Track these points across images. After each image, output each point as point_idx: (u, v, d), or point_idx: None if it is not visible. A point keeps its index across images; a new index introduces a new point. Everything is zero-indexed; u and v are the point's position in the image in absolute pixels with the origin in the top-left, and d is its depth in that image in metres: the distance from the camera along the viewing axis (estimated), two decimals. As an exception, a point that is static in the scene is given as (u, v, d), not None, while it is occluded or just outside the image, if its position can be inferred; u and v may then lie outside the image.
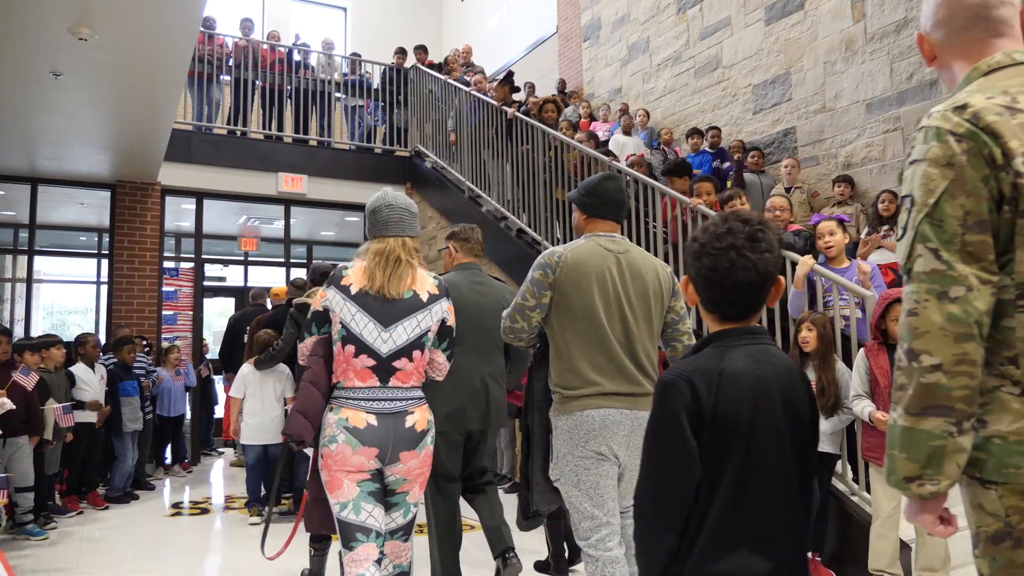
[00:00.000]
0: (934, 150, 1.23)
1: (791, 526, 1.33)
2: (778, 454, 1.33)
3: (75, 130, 6.32)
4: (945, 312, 1.18)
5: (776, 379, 1.36)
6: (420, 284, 2.47)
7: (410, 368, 2.43)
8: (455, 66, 9.57)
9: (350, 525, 2.31)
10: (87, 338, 5.75)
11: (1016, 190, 1.18)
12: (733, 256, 1.35)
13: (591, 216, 2.62)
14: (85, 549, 4.44)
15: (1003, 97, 1.23)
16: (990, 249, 1.19)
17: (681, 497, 1.33)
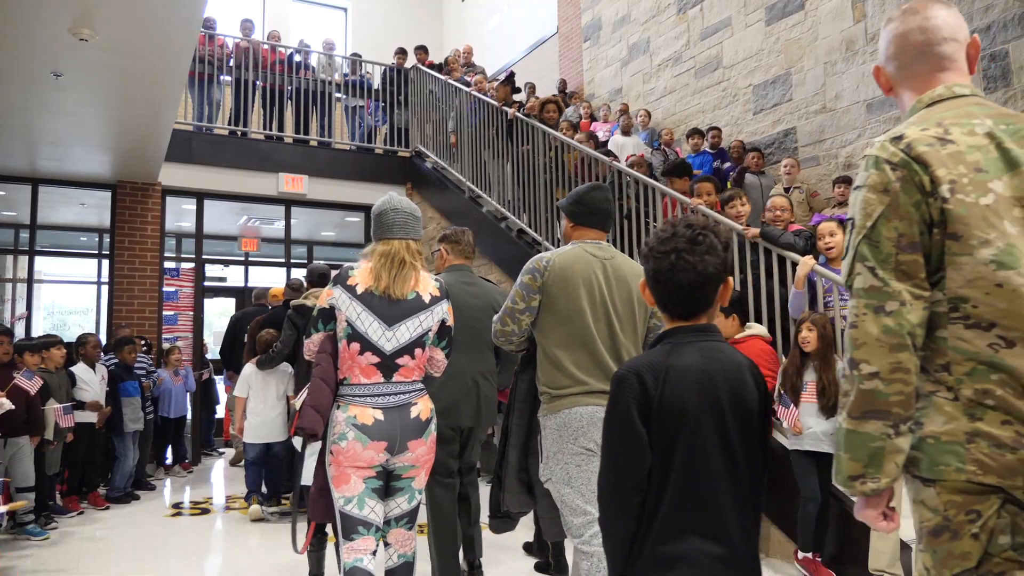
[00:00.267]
0: (872, 177, 1.36)
1: (739, 511, 1.42)
2: (724, 443, 1.42)
3: (76, 130, 6.32)
4: (881, 325, 1.30)
5: (723, 373, 1.45)
6: (423, 286, 2.58)
7: (412, 365, 2.54)
8: (455, 66, 9.57)
9: (353, 518, 2.42)
10: (87, 338, 5.75)
11: (943, 214, 1.30)
12: (674, 259, 1.46)
13: (578, 224, 2.72)
14: (86, 549, 4.45)
15: (936, 129, 1.36)
16: (921, 268, 1.31)
17: (634, 483, 1.43)
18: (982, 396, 1.28)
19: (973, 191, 1.31)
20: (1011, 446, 1.24)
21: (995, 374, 1.28)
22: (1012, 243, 1.28)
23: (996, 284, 1.28)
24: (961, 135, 1.35)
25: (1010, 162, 1.33)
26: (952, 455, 1.28)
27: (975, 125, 1.36)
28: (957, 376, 1.31)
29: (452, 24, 13.77)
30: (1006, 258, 1.28)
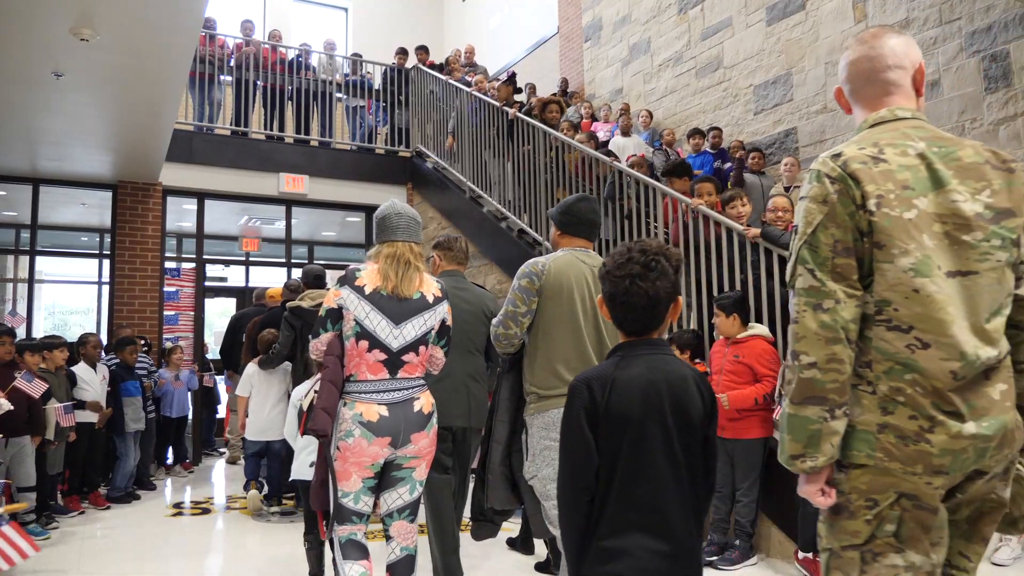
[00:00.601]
0: (814, 189, 1.51)
1: (681, 509, 1.56)
2: (667, 447, 1.56)
3: (76, 130, 6.33)
4: (818, 320, 1.44)
5: (667, 384, 1.59)
6: (426, 286, 2.73)
7: (416, 361, 2.69)
8: (456, 66, 9.57)
9: (348, 509, 2.62)
10: (88, 338, 5.76)
11: (870, 225, 1.46)
12: (627, 284, 1.62)
13: (565, 233, 2.86)
14: (86, 549, 4.45)
15: (872, 148, 1.51)
16: (854, 270, 1.47)
17: (583, 483, 1.57)
18: (895, 393, 1.44)
19: (898, 206, 1.46)
20: (914, 438, 1.41)
21: (909, 374, 1.43)
22: (928, 254, 1.44)
23: (913, 290, 1.43)
24: (894, 155, 1.49)
25: (937, 181, 1.48)
26: (865, 443, 1.44)
27: (909, 146, 1.51)
28: (876, 373, 1.46)
29: (453, 24, 13.77)
30: (922, 267, 1.43)
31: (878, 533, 1.43)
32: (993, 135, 5.55)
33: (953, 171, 1.49)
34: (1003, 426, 1.43)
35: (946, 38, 5.88)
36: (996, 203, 1.49)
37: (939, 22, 5.95)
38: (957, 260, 1.45)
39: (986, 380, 1.44)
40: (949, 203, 1.46)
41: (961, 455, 1.40)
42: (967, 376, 1.41)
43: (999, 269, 1.47)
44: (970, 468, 1.43)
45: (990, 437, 1.41)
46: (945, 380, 1.41)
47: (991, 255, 1.46)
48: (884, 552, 1.43)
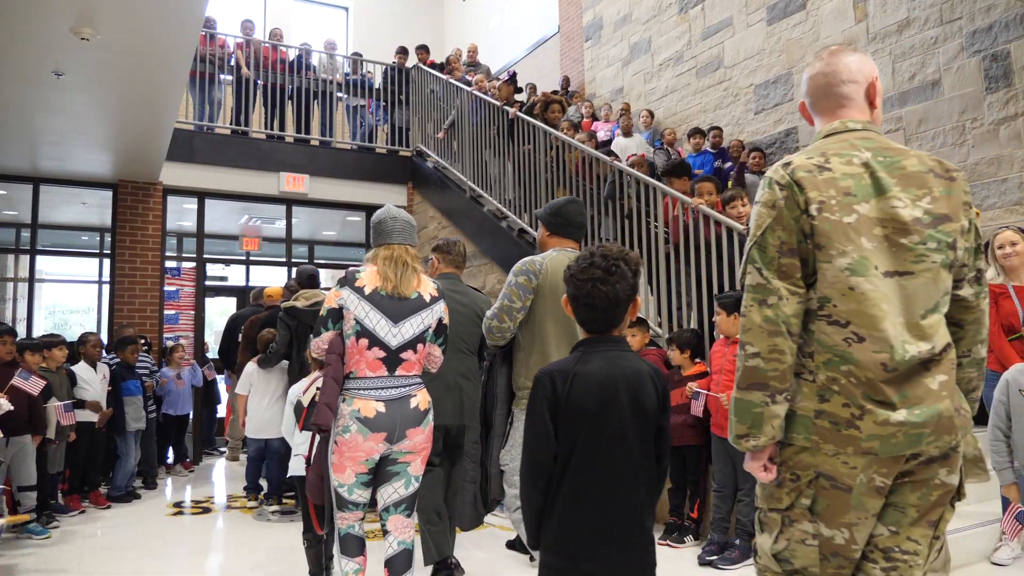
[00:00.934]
0: (765, 195, 1.65)
1: (632, 493, 1.73)
2: (622, 436, 1.72)
3: (77, 130, 6.33)
4: (763, 315, 1.59)
5: (624, 378, 1.74)
6: (423, 287, 2.85)
7: (413, 359, 2.79)
8: (457, 66, 9.57)
9: (344, 500, 2.77)
10: (88, 337, 5.76)
11: (812, 228, 1.59)
12: (590, 287, 1.76)
13: (555, 234, 2.99)
14: (87, 548, 4.45)
15: (819, 158, 1.64)
16: (798, 269, 1.60)
17: (542, 465, 1.74)
18: (831, 382, 1.57)
19: (838, 211, 1.59)
20: (845, 425, 1.55)
21: (844, 365, 1.56)
22: (865, 255, 1.57)
23: (849, 287, 1.56)
24: (839, 164, 1.62)
25: (879, 188, 1.60)
26: (803, 427, 1.59)
27: (854, 156, 1.64)
28: (817, 363, 1.60)
29: (453, 23, 13.77)
30: (858, 267, 1.56)
31: (796, 504, 1.62)
32: (994, 135, 5.54)
33: (896, 179, 1.62)
34: (937, 414, 1.53)
35: (947, 38, 5.88)
36: (935, 209, 1.61)
37: (940, 22, 5.94)
38: (895, 261, 1.58)
39: (925, 371, 1.56)
40: (889, 208, 1.59)
41: (890, 440, 1.52)
42: (899, 368, 1.53)
43: (935, 270, 1.59)
44: (905, 451, 1.54)
45: (922, 424, 1.52)
46: (876, 371, 1.53)
47: (927, 257, 1.58)
48: (799, 520, 1.62)
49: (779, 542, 1.66)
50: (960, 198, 1.64)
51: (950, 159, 5.78)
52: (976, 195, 5.62)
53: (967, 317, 1.68)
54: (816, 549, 1.61)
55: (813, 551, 1.62)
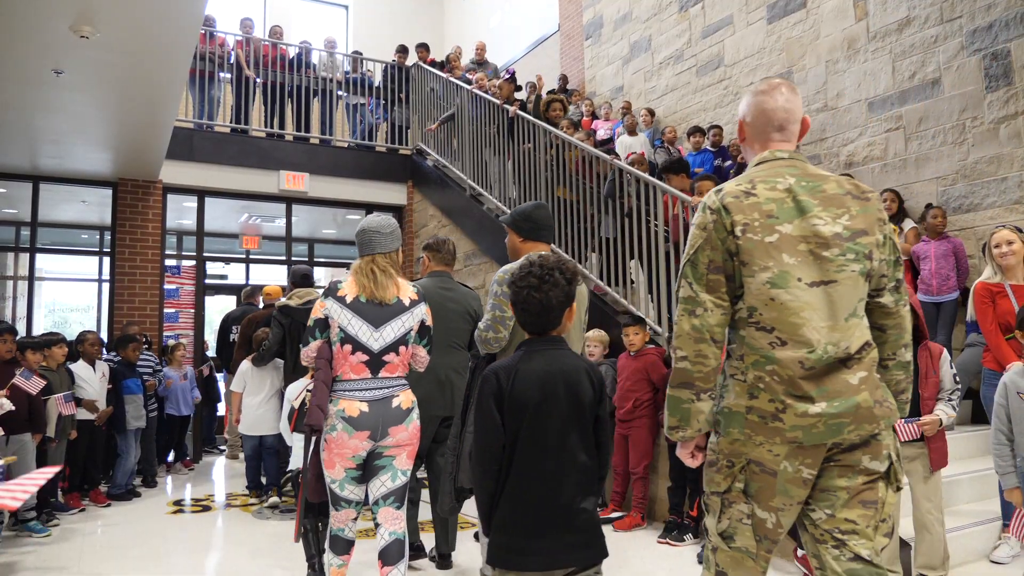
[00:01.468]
0: (699, 218, 1.86)
1: (572, 476, 1.93)
2: (560, 426, 1.93)
3: (76, 128, 6.32)
4: (691, 324, 1.81)
5: (562, 374, 1.96)
6: (403, 292, 3.00)
7: (396, 361, 2.95)
8: (457, 64, 9.57)
9: (337, 496, 2.94)
10: (87, 336, 5.76)
11: (737, 248, 1.80)
12: (525, 294, 1.98)
13: (527, 239, 3.08)
14: (87, 546, 4.46)
15: (747, 184, 1.85)
16: (723, 284, 1.82)
17: (492, 453, 1.93)
18: (758, 381, 1.78)
19: (761, 231, 1.79)
20: (770, 418, 1.75)
21: (769, 365, 1.76)
22: (786, 270, 1.77)
23: (770, 298, 1.77)
24: (764, 190, 1.84)
25: (801, 210, 1.81)
26: (736, 423, 1.80)
27: (778, 182, 1.85)
28: (747, 364, 1.81)
29: (453, 22, 13.76)
30: (778, 280, 1.76)
31: (732, 487, 1.85)
32: (994, 133, 5.54)
33: (818, 200, 1.83)
34: (855, 405, 1.73)
35: (947, 36, 5.88)
36: (853, 225, 1.81)
37: (940, 20, 5.94)
38: (820, 272, 1.78)
39: (845, 368, 1.75)
40: (811, 227, 1.79)
41: (811, 430, 1.72)
42: (816, 366, 1.73)
43: (854, 278, 1.79)
44: (828, 439, 1.74)
45: (840, 415, 1.72)
46: (796, 370, 1.74)
47: (847, 267, 1.78)
48: (737, 501, 1.85)
49: (722, 522, 1.89)
50: (875, 215, 1.85)
51: (950, 158, 5.78)
52: (976, 194, 5.62)
53: (889, 322, 1.89)
54: (751, 529, 1.84)
55: (749, 531, 1.85)
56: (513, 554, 1.90)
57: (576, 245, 6.02)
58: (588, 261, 5.98)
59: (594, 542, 1.97)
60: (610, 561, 3.94)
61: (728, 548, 1.88)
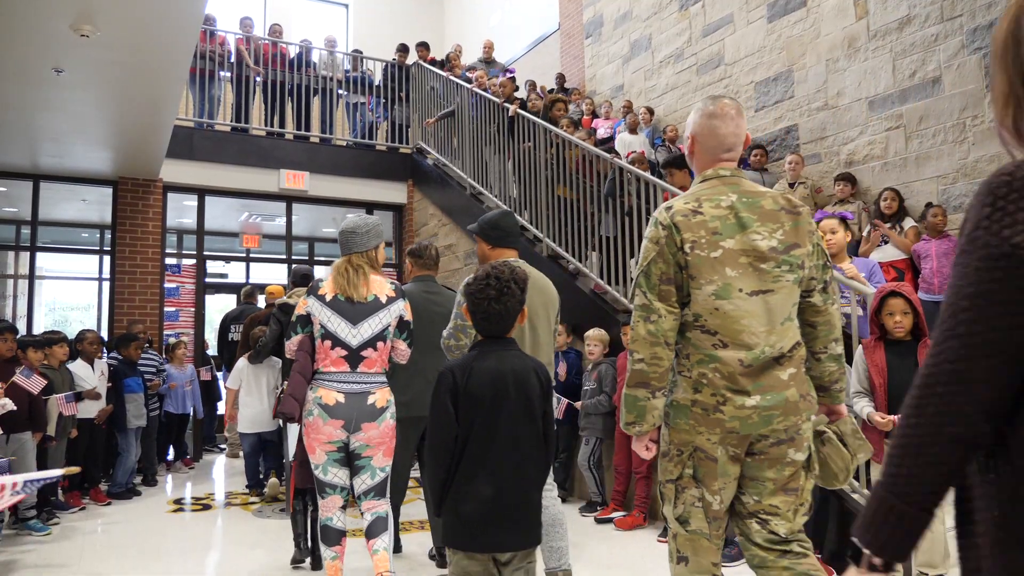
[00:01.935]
0: (651, 232, 2.08)
1: (519, 466, 2.13)
2: (509, 420, 2.12)
3: (77, 127, 6.32)
4: (646, 329, 2.01)
5: (512, 372, 2.16)
6: (379, 289, 3.17)
7: (374, 356, 3.11)
8: (457, 63, 9.56)
9: (321, 481, 3.12)
10: (86, 334, 5.75)
11: (686, 262, 2.02)
12: (485, 305, 2.17)
13: (496, 246, 3.24)
14: (87, 544, 4.46)
15: (694, 203, 2.06)
16: (673, 294, 2.03)
17: (445, 445, 2.11)
18: (701, 377, 2.01)
19: (707, 248, 2.01)
20: (712, 410, 1.99)
21: (712, 363, 2.00)
22: (729, 282, 2.00)
23: (715, 308, 2.01)
24: (709, 208, 2.04)
25: (742, 226, 2.03)
26: (683, 414, 2.04)
27: (722, 200, 2.06)
28: (692, 363, 2.04)
29: (453, 20, 13.75)
30: (722, 292, 2.00)
31: (683, 473, 2.07)
32: (994, 133, 5.54)
33: (756, 216, 2.04)
34: (784, 399, 1.98)
35: (947, 35, 5.88)
36: (786, 239, 2.04)
37: (940, 19, 5.94)
38: (758, 282, 2.01)
39: (777, 366, 2.00)
40: (750, 241, 2.01)
41: (747, 420, 1.97)
42: (753, 365, 1.97)
43: (789, 287, 2.04)
44: (760, 430, 1.98)
45: (771, 407, 1.97)
46: (735, 367, 1.97)
47: (782, 277, 2.02)
48: (688, 487, 2.07)
49: (677, 507, 2.09)
50: (806, 228, 2.08)
51: (951, 157, 5.78)
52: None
53: (819, 320, 2.12)
54: (703, 511, 2.05)
55: (701, 513, 2.05)
56: (465, 537, 2.10)
57: (576, 244, 6.02)
58: (588, 260, 5.98)
59: (534, 528, 2.18)
60: (611, 560, 3.96)
61: (685, 531, 2.07)
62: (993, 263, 0.90)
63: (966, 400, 0.91)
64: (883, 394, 3.31)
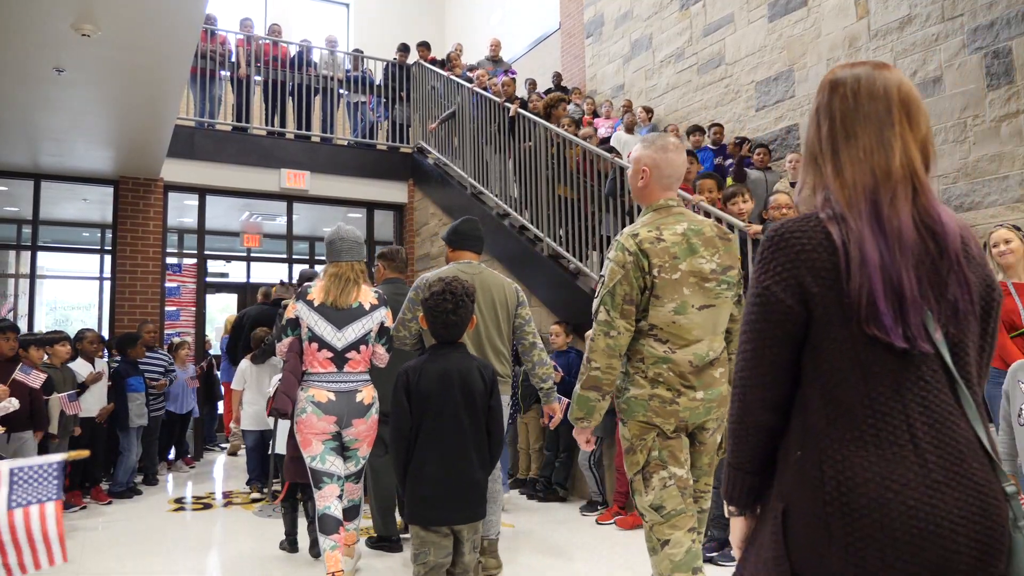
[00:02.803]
0: (618, 256, 2.35)
1: (464, 452, 2.51)
2: (455, 413, 2.50)
3: (78, 126, 6.32)
4: (606, 342, 2.32)
5: (457, 371, 2.54)
6: (364, 297, 3.43)
7: (358, 358, 3.40)
8: (457, 62, 9.56)
9: (318, 471, 3.32)
10: (86, 334, 5.76)
11: (653, 284, 2.34)
12: (444, 317, 2.58)
13: (455, 249, 3.64)
14: (88, 543, 4.46)
15: (656, 231, 2.38)
16: (633, 313, 2.34)
17: (403, 433, 2.52)
18: (658, 376, 2.35)
19: (669, 271, 2.34)
20: (669, 403, 2.34)
21: (666, 364, 2.34)
22: (685, 300, 2.35)
23: (672, 322, 2.35)
24: (669, 235, 2.38)
25: (692, 250, 2.38)
26: (640, 407, 2.37)
27: (676, 228, 2.40)
28: (647, 364, 2.36)
29: (454, 20, 13.75)
30: (680, 309, 2.35)
31: (649, 459, 2.36)
32: (995, 132, 5.54)
33: (701, 242, 2.40)
34: (719, 393, 2.39)
35: (948, 35, 5.87)
36: (723, 262, 2.42)
37: (941, 18, 5.93)
38: (704, 298, 2.37)
39: (712, 367, 2.38)
40: (697, 264, 2.37)
41: (696, 410, 2.36)
42: (699, 365, 2.35)
43: (727, 303, 2.43)
44: (702, 420, 2.39)
45: (712, 399, 2.38)
46: (686, 367, 2.34)
47: (722, 294, 2.41)
48: (656, 470, 2.35)
49: (649, 495, 2.34)
50: (735, 252, 2.47)
51: (952, 156, 5.78)
52: (977, 192, 5.61)
53: (734, 327, 2.49)
54: (676, 487, 2.32)
55: (674, 490, 2.32)
56: (419, 513, 2.49)
57: (577, 243, 6.02)
58: (589, 259, 5.98)
59: (479, 505, 2.54)
60: (612, 559, 3.97)
61: (662, 517, 2.32)
62: (756, 299, 1.21)
63: (752, 398, 1.23)
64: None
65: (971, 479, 1.09)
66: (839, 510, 1.09)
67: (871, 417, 1.12)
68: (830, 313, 1.15)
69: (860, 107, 1.22)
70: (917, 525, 1.06)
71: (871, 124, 1.21)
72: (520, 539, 4.39)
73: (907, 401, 1.12)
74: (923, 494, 1.07)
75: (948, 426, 1.12)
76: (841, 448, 1.12)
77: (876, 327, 1.12)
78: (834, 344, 1.15)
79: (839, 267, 1.14)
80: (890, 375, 1.13)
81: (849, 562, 1.07)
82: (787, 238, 1.20)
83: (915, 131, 1.21)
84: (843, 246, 1.15)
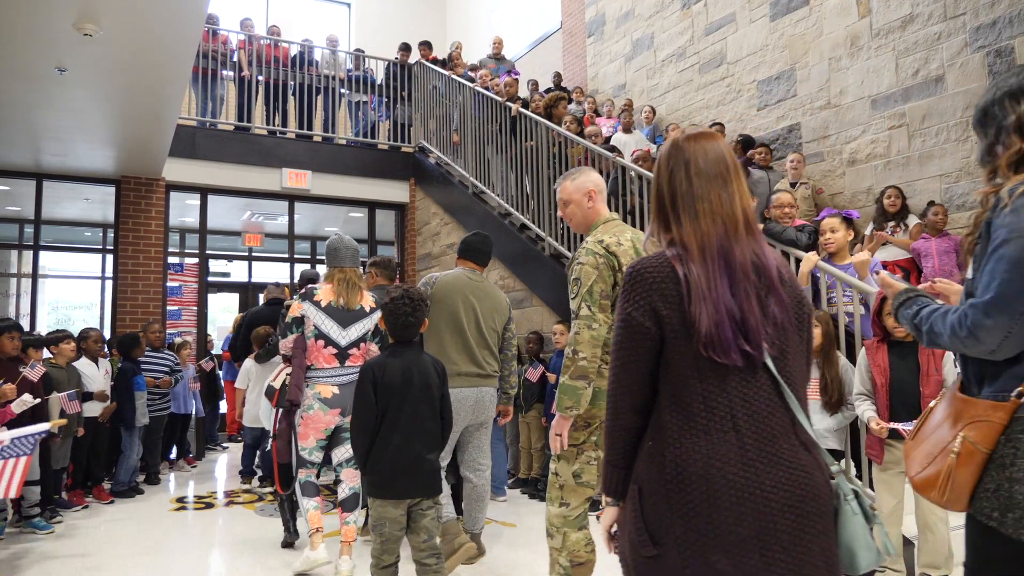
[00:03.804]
0: (589, 260, 2.61)
1: (420, 437, 2.83)
2: (414, 403, 2.84)
3: (80, 126, 6.33)
4: (590, 334, 2.53)
5: (415, 366, 2.88)
6: (365, 301, 3.85)
7: (357, 354, 3.80)
8: (459, 62, 9.56)
9: (304, 460, 3.77)
10: (89, 333, 5.76)
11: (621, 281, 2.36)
12: (403, 320, 2.91)
13: (461, 258, 4.06)
14: (90, 542, 4.47)
15: (614, 238, 2.67)
16: (609, 307, 2.56)
17: (368, 423, 2.81)
18: None
19: None
20: None
21: None
22: None
23: None
24: (624, 241, 2.67)
25: (637, 253, 2.64)
26: (602, 396, 2.55)
27: (625, 236, 2.70)
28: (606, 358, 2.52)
29: (455, 19, 13.75)
30: None
31: (587, 439, 2.67)
32: (997, 131, 5.52)
33: (638, 250, 2.66)
34: None
35: (950, 33, 5.86)
36: None
37: (943, 17, 5.92)
38: None
39: None
40: None
41: None
42: None
43: None
44: None
45: None
46: None
47: None
48: (588, 449, 2.67)
49: (575, 465, 2.66)
50: None
51: (953, 155, 5.77)
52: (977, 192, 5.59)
53: None
54: (596, 467, 2.66)
55: (595, 469, 2.67)
56: (379, 488, 2.81)
57: (577, 242, 6.02)
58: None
59: (434, 482, 2.88)
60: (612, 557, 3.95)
61: (575, 483, 2.66)
62: (621, 323, 1.47)
63: (621, 404, 1.48)
64: (884, 394, 3.31)
65: (781, 457, 1.36)
66: (676, 485, 1.36)
67: (704, 411, 1.39)
68: (676, 331, 1.42)
69: (707, 171, 1.52)
70: (736, 493, 1.32)
71: (716, 183, 1.51)
72: (521, 537, 4.39)
73: (732, 397, 1.39)
74: (740, 469, 1.34)
75: (765, 416, 1.39)
76: (680, 436, 1.39)
77: (714, 352, 1.38)
78: (679, 355, 1.41)
79: (682, 294, 1.42)
80: (720, 378, 1.39)
81: (687, 527, 1.33)
82: (643, 273, 1.47)
83: (741, 185, 1.53)
84: (684, 278, 1.43)
